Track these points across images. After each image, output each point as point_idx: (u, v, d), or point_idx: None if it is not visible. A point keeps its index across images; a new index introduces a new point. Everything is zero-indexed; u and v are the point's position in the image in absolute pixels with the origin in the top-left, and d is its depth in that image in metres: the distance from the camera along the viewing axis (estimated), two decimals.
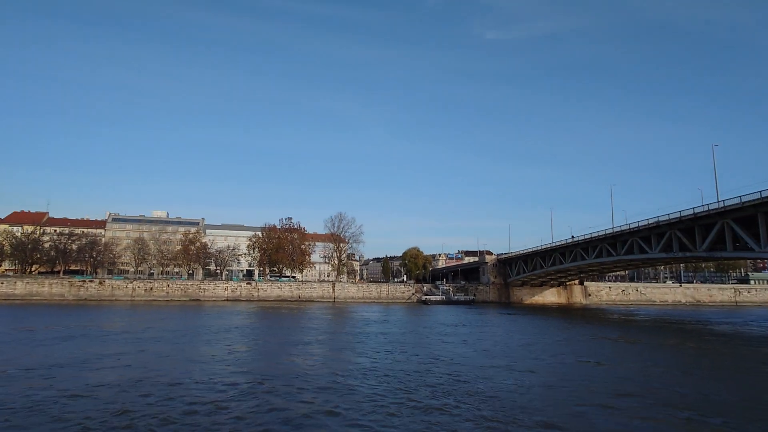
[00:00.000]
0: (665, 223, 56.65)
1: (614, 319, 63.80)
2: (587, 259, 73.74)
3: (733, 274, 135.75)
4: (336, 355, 28.13)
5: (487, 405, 16.36)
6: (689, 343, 38.48)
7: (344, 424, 13.90)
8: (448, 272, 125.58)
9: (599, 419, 15.15)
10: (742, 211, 47.05)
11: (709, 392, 19.37)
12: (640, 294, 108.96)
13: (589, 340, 39.35)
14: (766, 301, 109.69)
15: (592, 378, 22.13)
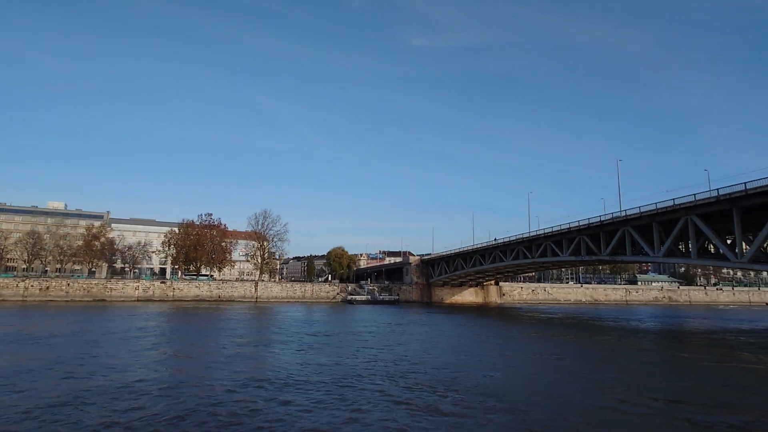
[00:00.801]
0: (575, 229, 61.86)
1: (537, 317, 68.30)
2: (505, 261, 78.30)
3: (624, 276, 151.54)
4: (259, 356, 26.96)
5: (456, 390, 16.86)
6: (605, 337, 42.43)
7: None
8: (372, 272, 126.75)
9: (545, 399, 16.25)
10: (640, 220, 52.75)
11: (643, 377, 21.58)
12: (548, 294, 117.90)
13: (532, 338, 41.83)
14: (650, 299, 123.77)
15: (565, 375, 23.63)
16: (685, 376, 21.41)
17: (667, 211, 49.18)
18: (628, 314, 76.28)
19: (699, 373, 22.26)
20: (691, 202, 46.49)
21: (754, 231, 44.40)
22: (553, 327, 48.52)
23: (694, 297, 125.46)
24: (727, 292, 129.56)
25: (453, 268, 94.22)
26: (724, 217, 46.25)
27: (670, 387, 18.64)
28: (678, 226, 48.37)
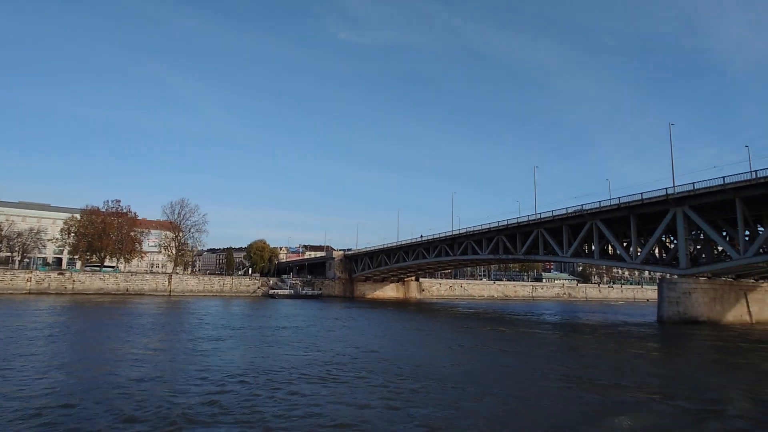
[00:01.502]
0: (495, 230, 65.73)
1: (459, 312, 70.86)
2: (428, 258, 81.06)
3: (531, 274, 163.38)
4: (170, 353, 24.87)
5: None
6: (521, 329, 45.49)
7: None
8: (294, 266, 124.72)
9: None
10: (553, 223, 57.39)
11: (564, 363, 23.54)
12: (464, 290, 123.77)
13: (465, 331, 43.47)
14: (553, 296, 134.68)
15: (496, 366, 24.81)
16: (585, 359, 24.04)
17: (576, 216, 53.90)
18: (535, 309, 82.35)
19: (592, 357, 25.14)
20: (596, 208, 51.35)
21: (647, 236, 50.15)
22: (480, 321, 50.71)
23: (589, 294, 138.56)
24: (616, 290, 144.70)
25: (377, 263, 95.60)
26: (622, 223, 51.72)
27: (570, 368, 20.81)
28: (584, 230, 53.27)
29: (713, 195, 41.85)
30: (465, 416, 12.62)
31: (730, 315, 44.08)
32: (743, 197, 40.27)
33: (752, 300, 46.32)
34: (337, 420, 12.02)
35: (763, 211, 42.20)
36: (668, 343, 33.60)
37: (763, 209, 41.94)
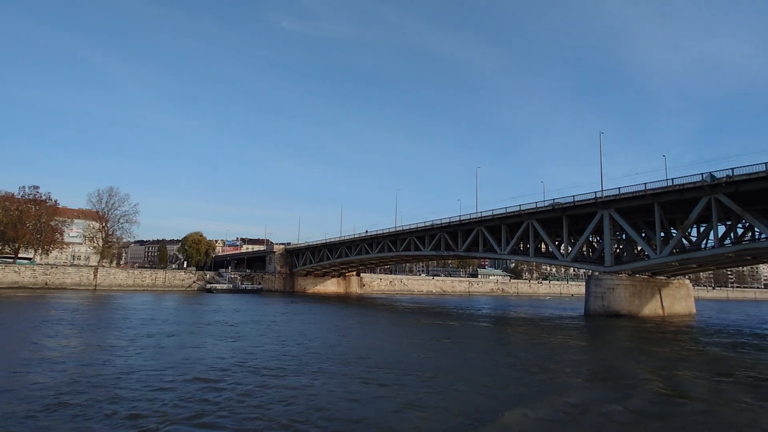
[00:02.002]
0: (437, 227, 67.60)
1: (402, 306, 72.04)
2: (371, 253, 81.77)
3: (468, 270, 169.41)
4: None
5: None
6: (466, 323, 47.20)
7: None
8: (232, 260, 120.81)
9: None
10: (492, 221, 59.99)
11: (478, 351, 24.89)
12: (404, 285, 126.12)
13: (408, 323, 44.22)
14: (487, 291, 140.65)
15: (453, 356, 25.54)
16: (524, 348, 25.80)
17: (514, 215, 56.70)
18: (473, 303, 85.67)
19: (530, 345, 27.02)
20: (533, 208, 54.32)
21: (577, 236, 53.82)
22: (426, 315, 51.51)
23: (521, 289, 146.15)
24: (545, 285, 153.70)
25: (319, 258, 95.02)
26: (555, 223, 55.12)
27: (512, 355, 22.28)
28: (521, 228, 56.18)
29: (636, 199, 45.82)
30: (435, 396, 13.23)
31: (646, 309, 48.52)
32: (661, 202, 44.43)
33: (665, 295, 51.25)
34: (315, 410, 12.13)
35: (677, 216, 46.73)
36: (594, 334, 36.47)
37: (677, 213, 46.46)
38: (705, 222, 45.28)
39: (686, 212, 43.99)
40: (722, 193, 40.08)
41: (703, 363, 23.03)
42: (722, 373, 19.68)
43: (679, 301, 53.92)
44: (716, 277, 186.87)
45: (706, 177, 40.90)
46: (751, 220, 39.83)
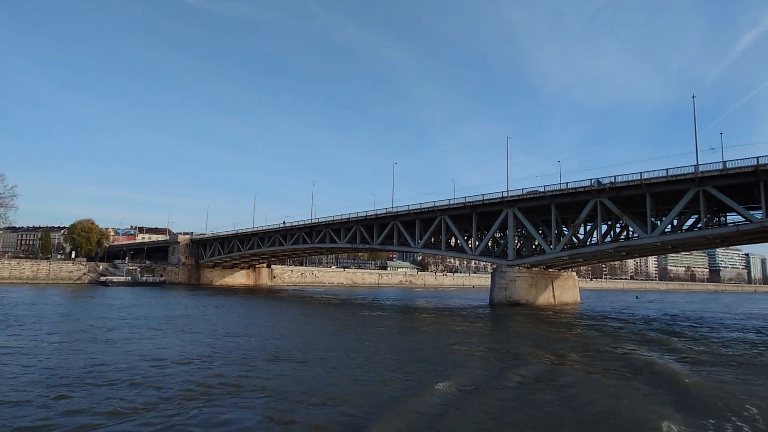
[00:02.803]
0: (354, 220, 68.69)
1: (314, 298, 71.99)
2: (285, 245, 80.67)
3: (377, 262, 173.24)
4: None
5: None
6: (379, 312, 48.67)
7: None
8: (129, 250, 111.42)
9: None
10: (407, 216, 62.45)
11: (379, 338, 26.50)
12: (315, 277, 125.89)
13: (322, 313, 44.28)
14: (396, 283, 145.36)
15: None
16: (438, 332, 27.93)
17: (428, 211, 59.57)
18: (384, 295, 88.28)
19: (442, 330, 29.40)
20: (446, 205, 57.55)
21: (484, 231, 58.12)
22: (340, 306, 52.56)
23: (427, 281, 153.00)
24: (450, 277, 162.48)
25: (228, 249, 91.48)
26: (465, 220, 58.93)
27: (427, 341, 24.25)
28: (434, 224, 59.25)
29: (536, 200, 50.76)
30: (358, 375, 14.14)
31: (541, 298, 54.08)
32: (557, 203, 49.74)
33: (556, 286, 57.45)
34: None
35: (568, 215, 52.55)
36: (498, 320, 40.15)
37: (569, 214, 52.24)
38: (591, 221, 51.43)
39: (577, 213, 49.70)
40: (606, 197, 45.98)
41: (581, 339, 27.34)
42: (594, 347, 23.59)
43: (567, 291, 60.75)
44: (593, 269, 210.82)
45: (594, 183, 46.63)
46: (628, 221, 46.22)
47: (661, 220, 44.90)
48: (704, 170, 40.62)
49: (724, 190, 40.05)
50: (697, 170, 40.90)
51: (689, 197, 41.42)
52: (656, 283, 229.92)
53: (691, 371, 17.18)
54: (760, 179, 38.18)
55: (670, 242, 46.73)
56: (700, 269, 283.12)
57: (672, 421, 10.72)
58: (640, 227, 45.25)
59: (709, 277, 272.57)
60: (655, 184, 43.00)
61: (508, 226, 53.72)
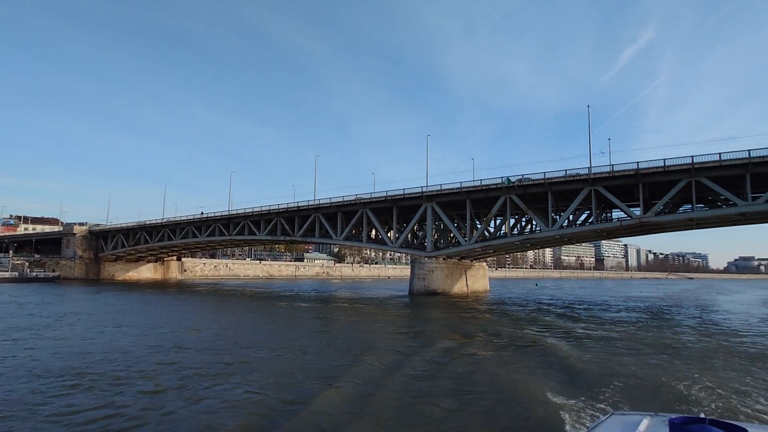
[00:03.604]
0: (275, 212, 67.76)
1: (227, 291, 69.82)
2: (199, 237, 77.24)
3: (294, 254, 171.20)
4: None
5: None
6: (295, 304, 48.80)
7: None
8: (11, 243, 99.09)
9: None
10: (329, 209, 63.06)
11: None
12: (229, 269, 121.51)
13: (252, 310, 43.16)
14: (313, 274, 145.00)
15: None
16: (364, 319, 29.36)
17: (350, 204, 60.69)
18: (303, 287, 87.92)
19: (368, 318, 30.93)
20: (368, 198, 59.05)
21: (404, 224, 60.51)
22: (261, 299, 51.83)
23: (344, 272, 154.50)
24: (366, 269, 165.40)
25: (134, 241, 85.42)
26: (386, 213, 60.90)
27: (354, 328, 25.59)
28: (356, 216, 60.54)
29: (453, 195, 54.01)
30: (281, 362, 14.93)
31: (456, 287, 57.75)
32: (471, 198, 53.40)
33: (469, 276, 61.61)
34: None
35: (481, 210, 56.54)
36: (417, 307, 42.54)
37: (481, 208, 56.21)
38: (501, 215, 55.80)
39: (489, 207, 53.71)
40: (515, 194, 50.32)
41: (489, 323, 30.50)
42: (500, 329, 26.47)
43: (479, 280, 65.39)
44: (498, 260, 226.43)
45: (505, 180, 50.77)
46: (533, 216, 50.99)
47: (560, 215, 50.19)
48: (596, 172, 46.16)
49: (611, 189, 45.83)
50: (590, 172, 46.36)
51: (583, 195, 46.80)
52: (551, 271, 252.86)
53: (578, 348, 19.81)
54: (639, 181, 44.27)
55: (567, 235, 52.39)
56: (587, 258, 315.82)
57: (557, 392, 12.19)
58: (542, 221, 50.18)
59: (594, 266, 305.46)
60: (556, 183, 47.95)
61: (426, 220, 56.52)
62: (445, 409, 11.01)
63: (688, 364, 16.25)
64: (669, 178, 42.77)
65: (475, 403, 11.62)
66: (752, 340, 23.25)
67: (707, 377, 13.93)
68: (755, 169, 39.50)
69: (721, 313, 40.68)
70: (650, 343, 21.58)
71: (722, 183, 40.98)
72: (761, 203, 39.78)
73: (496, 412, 10.86)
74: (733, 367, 15.73)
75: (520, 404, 11.30)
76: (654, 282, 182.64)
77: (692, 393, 12.21)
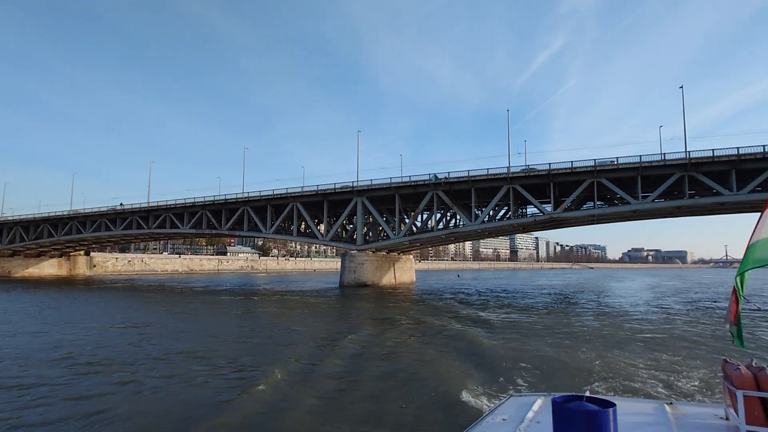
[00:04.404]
0: (200, 204, 65.44)
1: (141, 287, 66.12)
2: (114, 230, 72.45)
3: (216, 248, 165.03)
4: None
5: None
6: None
7: None
8: None
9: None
10: (259, 202, 62.25)
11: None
12: (145, 264, 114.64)
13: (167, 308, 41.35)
14: (237, 268, 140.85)
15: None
16: (299, 310, 30.24)
17: (281, 197, 60.43)
18: (222, 281, 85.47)
19: (303, 309, 31.86)
20: (299, 192, 59.19)
21: (334, 218, 61.41)
22: (186, 296, 50.00)
23: (269, 266, 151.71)
24: (292, 262, 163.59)
25: (36, 235, 78.13)
26: (316, 206, 61.42)
27: (292, 318, 26.51)
28: (287, 210, 60.42)
29: (383, 190, 55.83)
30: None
31: (384, 279, 59.78)
32: (401, 194, 55.55)
33: (397, 268, 63.97)
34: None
35: (409, 205, 58.99)
36: (348, 299, 43.81)
37: (410, 203, 58.65)
38: (429, 210, 58.58)
39: (417, 203, 56.20)
40: (441, 190, 53.19)
41: (414, 312, 32.38)
42: (423, 317, 28.41)
43: (406, 272, 68.05)
44: (421, 253, 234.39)
45: (432, 177, 53.47)
46: (457, 211, 54.23)
47: (482, 210, 53.91)
48: (514, 172, 50.21)
49: (527, 188, 50.11)
50: (509, 171, 50.31)
51: (503, 192, 50.69)
52: (471, 263, 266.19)
53: (493, 333, 21.70)
54: (551, 181, 48.88)
55: (488, 229, 56.31)
56: (503, 251, 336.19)
57: (467, 375, 13.07)
58: (466, 216, 53.57)
59: (509, 257, 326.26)
60: (479, 181, 51.42)
61: (357, 214, 57.85)
62: (362, 391, 11.81)
63: (585, 344, 18.42)
64: (575, 179, 47.70)
65: (391, 384, 12.52)
66: (639, 319, 27.32)
67: (600, 356, 15.84)
68: (645, 172, 45.34)
69: (614, 298, 46.29)
70: (553, 326, 24.24)
71: (619, 184, 46.56)
72: (649, 202, 45.81)
73: (409, 392, 11.70)
74: (621, 346, 18.27)
75: (432, 386, 12.10)
76: (561, 271, 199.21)
77: (585, 372, 13.80)
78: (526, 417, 4.08)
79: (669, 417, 4.04)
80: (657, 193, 44.80)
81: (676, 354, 16.39)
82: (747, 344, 17.50)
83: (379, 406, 10.75)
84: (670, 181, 44.02)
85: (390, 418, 9.93)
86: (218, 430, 9.28)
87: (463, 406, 10.40)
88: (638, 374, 13.37)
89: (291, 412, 10.30)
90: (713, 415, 4.08)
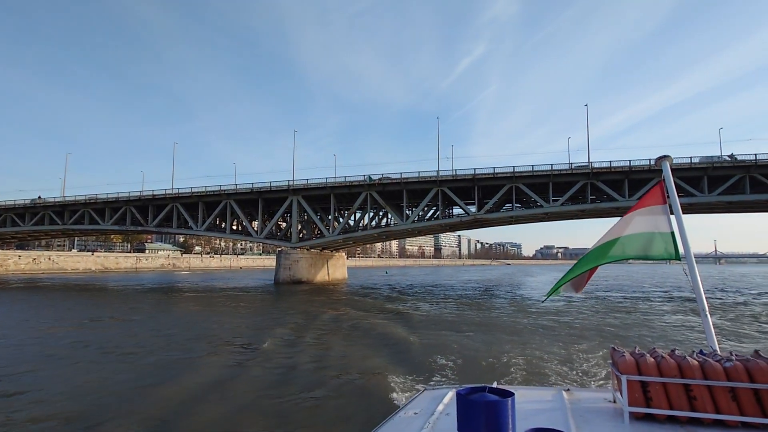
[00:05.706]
0: (123, 200, 62.66)
1: (45, 286, 61.86)
2: (23, 226, 67.06)
3: (134, 245, 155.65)
4: None
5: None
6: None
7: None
8: None
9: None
10: (190, 198, 61.05)
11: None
12: (53, 263, 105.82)
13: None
14: (158, 266, 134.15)
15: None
16: (235, 309, 31.21)
17: (213, 194, 59.80)
18: (139, 280, 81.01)
19: (240, 306, 32.71)
20: (233, 190, 58.99)
21: (269, 216, 61.84)
22: (103, 295, 47.85)
23: (193, 264, 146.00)
24: (216, 259, 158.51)
25: None
26: (251, 204, 61.52)
27: (230, 315, 27.59)
28: (219, 207, 59.92)
29: (319, 190, 57.33)
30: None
31: (318, 276, 61.26)
32: (336, 193, 57.38)
33: (330, 265, 65.67)
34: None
35: (344, 204, 60.98)
36: (283, 295, 45.01)
37: (344, 203, 60.66)
38: (362, 210, 60.94)
39: (351, 202, 58.37)
40: (375, 190, 55.78)
41: (345, 304, 34.65)
42: (351, 312, 30.43)
43: (338, 269, 69.97)
44: (349, 250, 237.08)
45: (366, 178, 55.92)
46: (389, 211, 57.14)
47: (412, 210, 57.29)
48: (443, 175, 54.04)
49: (454, 190, 54.18)
50: (438, 174, 54.07)
51: (432, 194, 54.35)
52: (398, 260, 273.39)
53: (415, 328, 22.64)
54: (476, 184, 53.31)
55: (418, 228, 59.84)
56: (428, 248, 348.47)
57: (388, 370, 13.42)
58: (398, 216, 56.64)
59: (434, 254, 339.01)
60: (410, 183, 54.67)
61: (292, 212, 58.81)
62: (290, 385, 12.28)
63: (498, 336, 20.12)
64: (497, 183, 52.49)
65: (316, 378, 12.81)
66: (545, 310, 31.62)
67: (512, 348, 17.05)
68: (556, 179, 51.09)
69: (527, 290, 51.70)
70: (472, 320, 26.15)
71: (533, 188, 52.00)
72: (558, 205, 51.68)
73: (332, 385, 12.04)
74: (530, 338, 19.73)
75: (354, 379, 12.45)
76: (482, 268, 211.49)
77: (495, 363, 14.69)
78: (436, 410, 4.17)
79: (565, 402, 4.27)
80: (565, 197, 50.72)
81: (576, 343, 18.17)
82: (649, 330, 21.37)
83: (296, 401, 10.68)
84: (575, 187, 50.05)
85: (307, 414, 9.89)
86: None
87: (382, 400, 10.39)
88: (546, 362, 14.73)
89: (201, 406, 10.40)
90: (603, 399, 4.36)
